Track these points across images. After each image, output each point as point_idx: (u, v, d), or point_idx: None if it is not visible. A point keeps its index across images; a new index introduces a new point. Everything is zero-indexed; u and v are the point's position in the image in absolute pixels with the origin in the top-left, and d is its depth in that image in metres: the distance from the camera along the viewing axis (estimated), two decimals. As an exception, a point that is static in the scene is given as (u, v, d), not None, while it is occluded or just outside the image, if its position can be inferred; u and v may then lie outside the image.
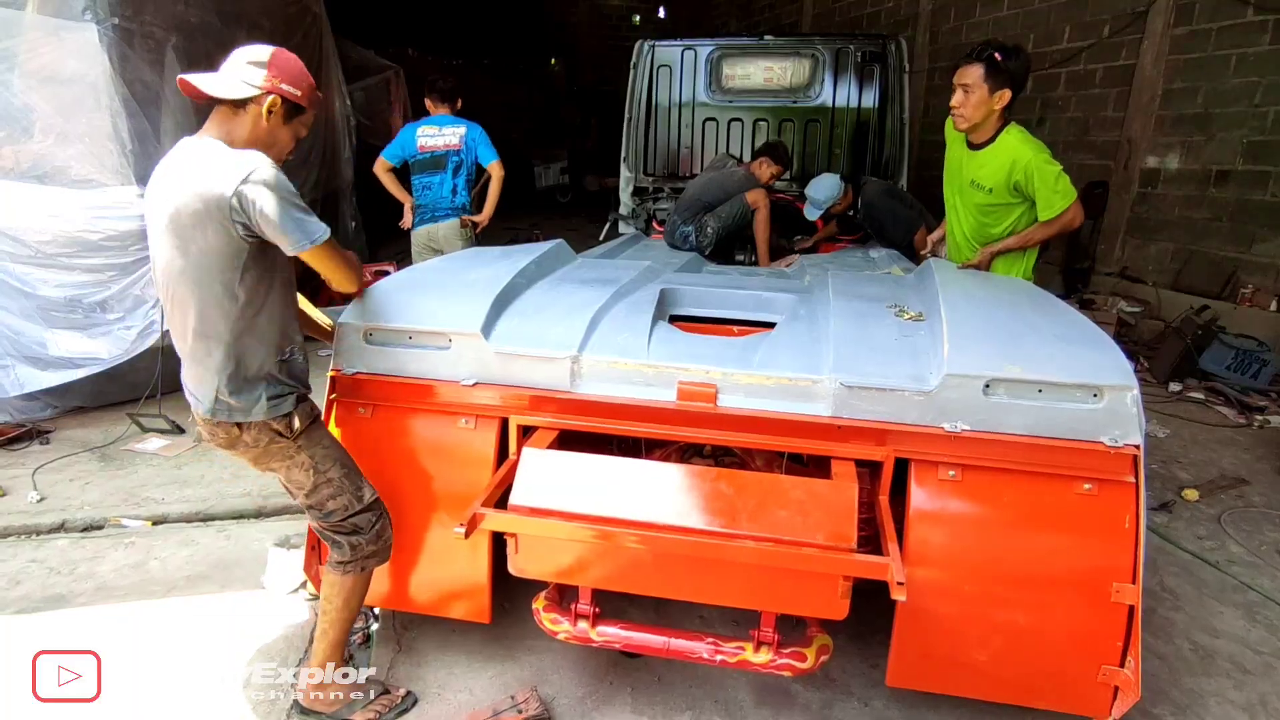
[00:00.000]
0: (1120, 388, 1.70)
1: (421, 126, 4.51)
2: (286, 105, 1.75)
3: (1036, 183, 2.60)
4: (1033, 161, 2.58)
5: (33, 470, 3.39)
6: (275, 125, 1.75)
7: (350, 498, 1.90)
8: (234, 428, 1.77)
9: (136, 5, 3.74)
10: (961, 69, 2.62)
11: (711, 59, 5.10)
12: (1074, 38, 6.57)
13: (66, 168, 3.60)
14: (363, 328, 2.08)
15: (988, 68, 2.56)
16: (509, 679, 2.16)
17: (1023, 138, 2.64)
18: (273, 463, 1.87)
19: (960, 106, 2.65)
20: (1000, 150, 2.66)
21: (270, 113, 1.72)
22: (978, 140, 2.74)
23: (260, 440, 1.80)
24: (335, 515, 1.89)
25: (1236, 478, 3.58)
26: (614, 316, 2.20)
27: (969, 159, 2.79)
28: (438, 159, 4.47)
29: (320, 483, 1.87)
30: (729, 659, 1.82)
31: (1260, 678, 2.24)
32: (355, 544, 1.91)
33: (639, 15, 16.34)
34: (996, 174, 2.67)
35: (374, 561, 1.97)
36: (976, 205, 2.83)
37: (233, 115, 1.72)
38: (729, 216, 4.16)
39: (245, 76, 1.70)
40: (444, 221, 4.57)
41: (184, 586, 2.60)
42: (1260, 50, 5.14)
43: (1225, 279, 5.50)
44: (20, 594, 2.55)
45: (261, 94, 1.70)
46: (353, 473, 1.93)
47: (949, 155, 2.96)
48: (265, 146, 1.74)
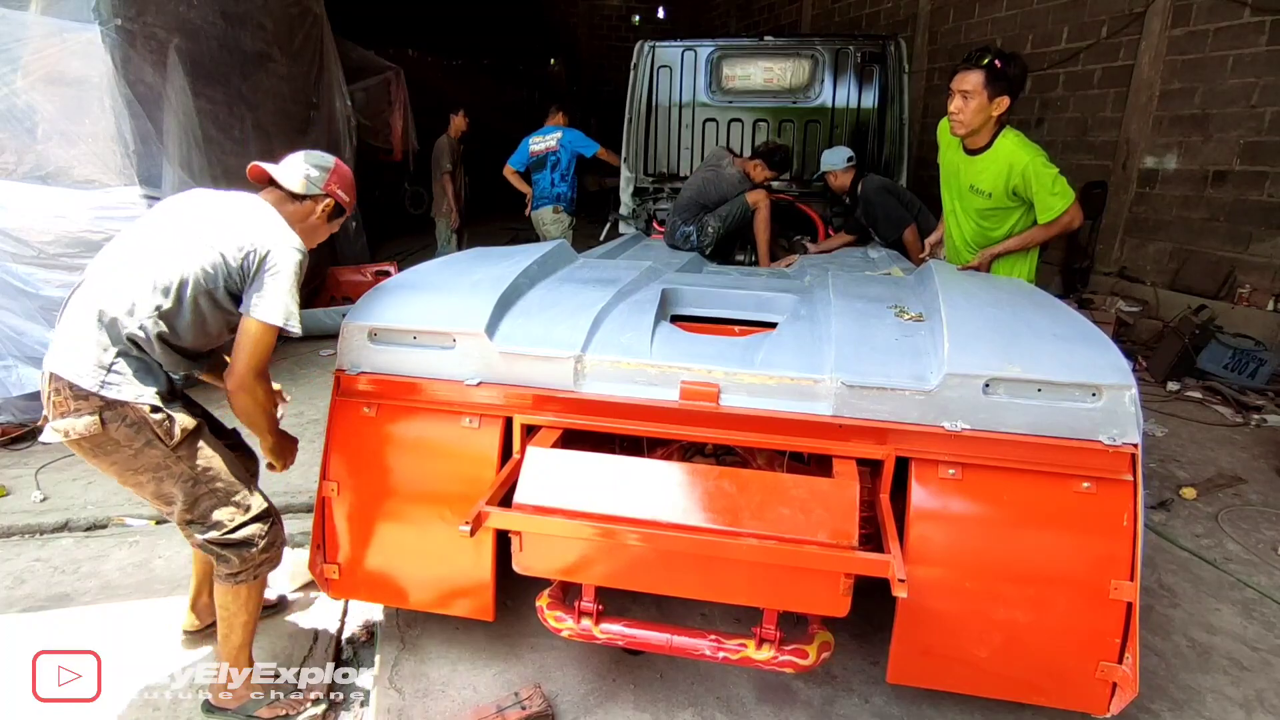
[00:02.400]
0: (1119, 387, 1.72)
1: (533, 136, 5.78)
2: (335, 207, 2.05)
3: (1034, 186, 2.61)
4: (1030, 165, 2.59)
5: (36, 470, 3.40)
6: (321, 221, 2.05)
7: (235, 508, 1.89)
8: (98, 422, 1.68)
9: (139, 6, 3.75)
10: (960, 75, 2.62)
11: (711, 59, 5.11)
12: (1072, 38, 6.60)
13: (69, 169, 3.62)
14: (367, 327, 2.09)
15: (988, 75, 2.56)
16: (512, 676, 2.18)
17: (1019, 141, 2.65)
18: (141, 474, 1.79)
19: (959, 112, 2.65)
20: (998, 155, 2.67)
21: (323, 211, 2.03)
22: (975, 145, 2.74)
23: (134, 440, 1.73)
24: (223, 527, 1.87)
25: (1234, 476, 3.60)
26: (616, 316, 2.22)
27: (966, 164, 2.80)
28: (542, 159, 5.72)
29: (202, 493, 1.84)
30: (731, 656, 1.84)
31: (1257, 674, 2.26)
32: (245, 556, 1.90)
33: (639, 16, 16.36)
34: (995, 179, 2.68)
35: (266, 568, 1.98)
36: (976, 210, 2.84)
37: (288, 201, 1.98)
38: (730, 216, 4.18)
39: (310, 176, 1.98)
40: (544, 208, 5.81)
41: (188, 585, 2.60)
42: (1257, 51, 5.17)
43: (1223, 279, 5.53)
44: (25, 593, 2.57)
45: (322, 195, 2.01)
46: (237, 481, 1.91)
47: (945, 160, 2.96)
48: (309, 238, 2.02)
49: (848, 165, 4.35)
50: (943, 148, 2.97)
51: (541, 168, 5.72)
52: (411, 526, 2.10)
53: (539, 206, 5.81)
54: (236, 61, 4.83)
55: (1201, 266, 5.68)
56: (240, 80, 4.84)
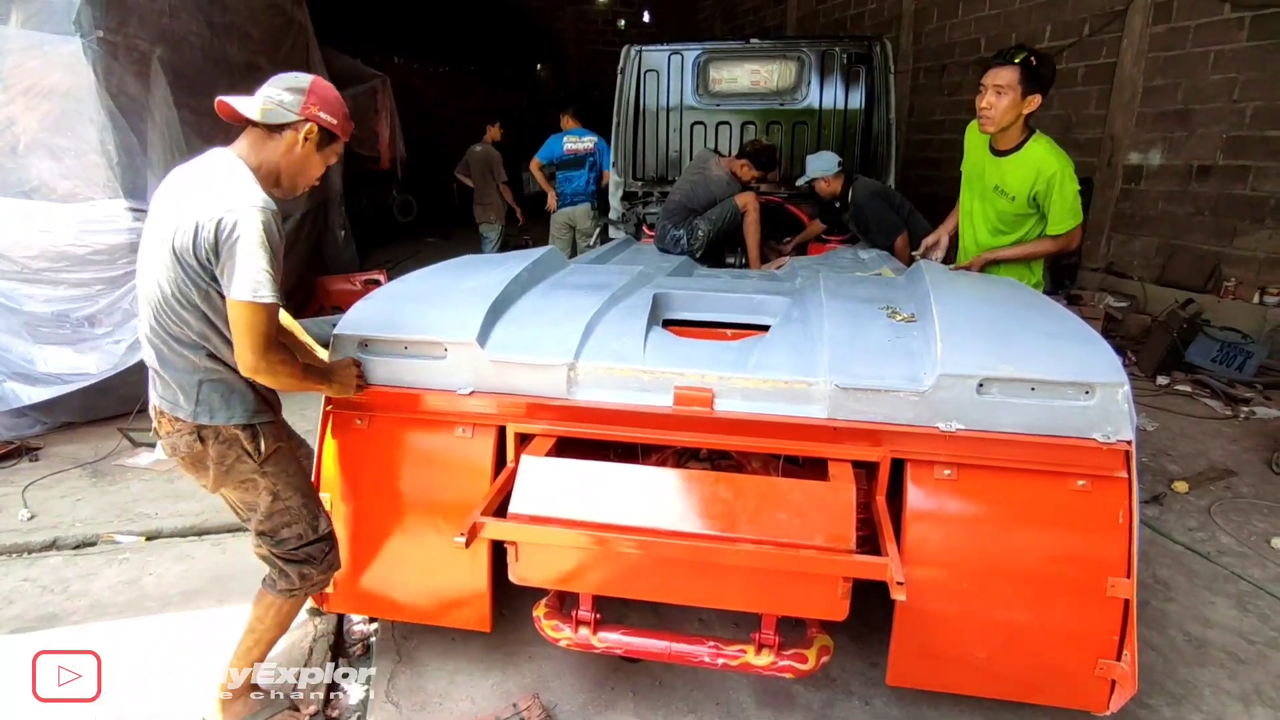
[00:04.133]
0: (1112, 385, 1.72)
1: (567, 135, 5.97)
2: (321, 133, 1.78)
3: (1055, 196, 2.58)
4: (1058, 174, 2.56)
5: (23, 488, 3.35)
6: (309, 152, 1.78)
7: (306, 526, 1.90)
8: (198, 441, 1.77)
9: (121, 18, 3.71)
10: (994, 70, 2.57)
11: (698, 63, 5.12)
12: (1055, 36, 6.65)
13: (53, 183, 3.58)
14: (358, 338, 2.07)
15: (1024, 71, 2.51)
16: (510, 686, 2.16)
17: (1051, 148, 2.61)
18: (230, 484, 1.85)
19: (990, 108, 2.59)
20: (1028, 158, 2.63)
21: (306, 140, 1.76)
22: (1004, 146, 2.70)
23: (226, 458, 1.79)
24: (289, 543, 1.89)
25: (1225, 469, 3.62)
26: (608, 322, 2.21)
27: (993, 164, 2.75)
28: (579, 159, 5.96)
29: (278, 509, 1.87)
30: (730, 662, 1.83)
31: (1254, 666, 2.27)
32: (305, 574, 1.91)
33: (624, 20, 16.37)
34: (1022, 182, 2.64)
35: (317, 589, 1.99)
36: (997, 212, 2.79)
37: (266, 139, 1.75)
38: (719, 219, 4.18)
39: (284, 102, 1.72)
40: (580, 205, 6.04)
41: (180, 602, 2.59)
42: (1237, 47, 5.22)
43: (1209, 272, 5.58)
44: (14, 614, 2.53)
45: (300, 120, 1.73)
46: (311, 502, 1.93)
47: (970, 159, 2.91)
48: (297, 173, 1.80)
49: (838, 170, 4.33)
50: (969, 149, 2.91)
51: (578, 167, 5.96)
52: (406, 538, 2.08)
53: (576, 204, 6.01)
54: (221, 71, 4.78)
55: (1188, 261, 5.73)
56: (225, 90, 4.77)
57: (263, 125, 1.73)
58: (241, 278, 1.60)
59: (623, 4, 16.30)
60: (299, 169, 1.79)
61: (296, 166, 1.79)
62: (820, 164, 4.32)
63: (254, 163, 1.73)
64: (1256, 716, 2.08)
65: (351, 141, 2.06)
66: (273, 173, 1.77)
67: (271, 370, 1.69)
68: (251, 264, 1.60)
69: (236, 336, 1.65)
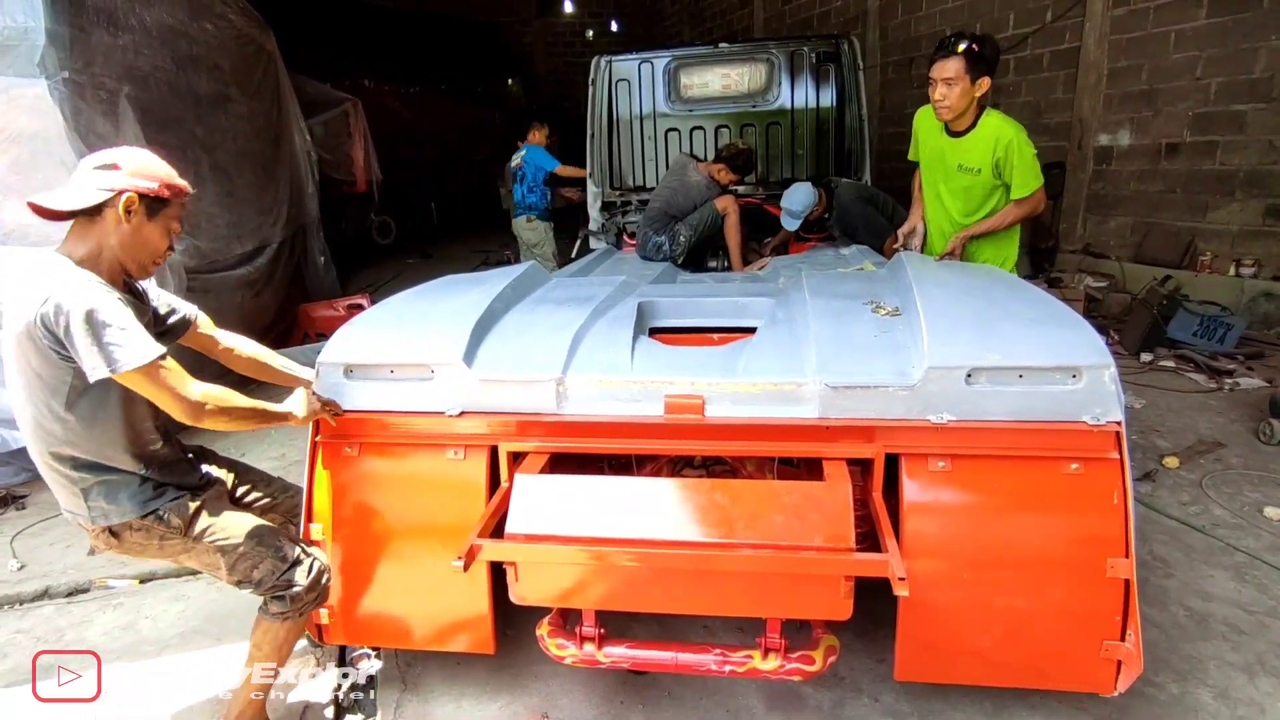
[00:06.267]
0: (1098, 367, 1.74)
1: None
2: (145, 201, 1.65)
3: (1015, 160, 2.70)
4: (1014, 140, 2.69)
5: (11, 537, 3.29)
6: (139, 224, 1.66)
7: (273, 560, 1.87)
8: (113, 536, 1.78)
9: (87, 57, 3.68)
10: (939, 64, 2.68)
11: (669, 70, 5.14)
12: (1019, 24, 6.73)
13: (26, 229, 3.53)
14: (342, 364, 2.05)
15: (968, 60, 2.63)
16: (519, 708, 2.14)
17: (1003, 118, 2.75)
18: (179, 557, 1.87)
19: (944, 99, 2.71)
20: (984, 131, 2.76)
21: (129, 213, 1.64)
22: (960, 127, 2.81)
23: (150, 540, 1.80)
24: (266, 582, 1.87)
25: (1214, 441, 3.66)
26: (595, 335, 2.21)
27: (952, 146, 2.87)
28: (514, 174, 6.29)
29: (235, 561, 1.85)
30: (738, 669, 1.82)
31: (1255, 637, 2.29)
32: (295, 595, 1.90)
33: (592, 30, 16.43)
34: (984, 154, 2.76)
35: (311, 607, 1.96)
36: (964, 188, 2.91)
37: (90, 225, 1.64)
38: (700, 224, 4.19)
39: (94, 182, 1.61)
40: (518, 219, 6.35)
41: (178, 644, 2.55)
42: (1198, 25, 5.30)
43: (1184, 248, 5.65)
44: (9, 667, 2.48)
45: (115, 195, 1.61)
46: (265, 536, 1.89)
47: (926, 146, 3.01)
48: (138, 249, 1.69)
49: (818, 194, 4.31)
50: (922, 135, 3.02)
51: (516, 181, 6.31)
52: (403, 565, 2.06)
53: (516, 216, 6.38)
54: (191, 105, 4.75)
55: (1163, 238, 5.80)
56: (195, 123, 4.77)
57: (82, 214, 1.62)
58: (104, 357, 1.53)
59: (590, 15, 16.38)
60: (135, 245, 1.68)
61: (131, 243, 1.67)
62: (803, 197, 4.29)
63: (83, 255, 1.64)
64: (1261, 686, 2.09)
65: (326, 166, 2.04)
66: (112, 260, 1.67)
67: (215, 409, 1.66)
68: (99, 340, 1.53)
69: (156, 402, 1.63)
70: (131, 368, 1.55)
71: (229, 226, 5.19)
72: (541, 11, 16.22)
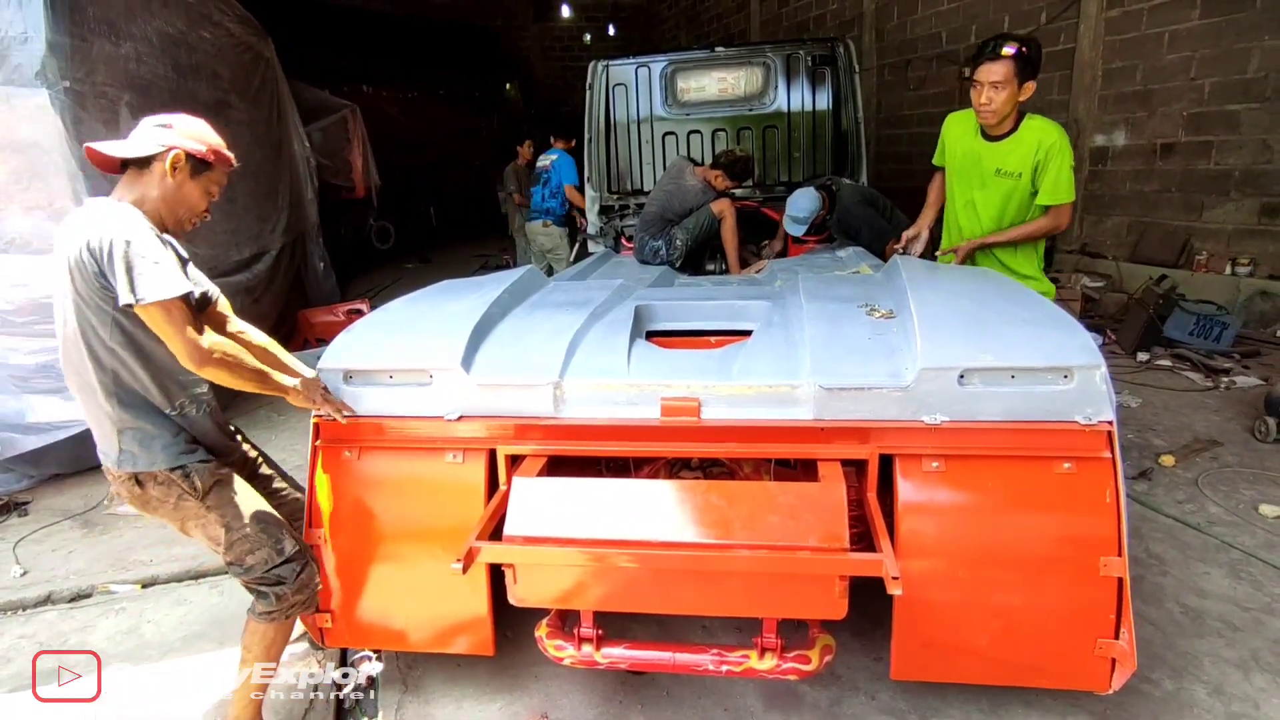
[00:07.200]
0: (1089, 367, 1.76)
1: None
2: (191, 161, 1.80)
3: (1053, 166, 2.63)
4: (1057, 144, 2.62)
5: (14, 543, 3.31)
6: (181, 181, 1.79)
7: (269, 551, 1.90)
8: (136, 484, 1.83)
9: (88, 67, 3.71)
10: (986, 67, 2.60)
11: (665, 74, 5.16)
12: (1013, 26, 6.76)
13: (27, 237, 3.56)
14: (342, 370, 2.08)
15: (1017, 63, 2.55)
16: (519, 709, 2.16)
17: (1046, 121, 2.69)
18: (187, 522, 1.89)
19: (990, 103, 2.62)
20: (1027, 135, 2.69)
21: (175, 169, 1.77)
22: (1000, 131, 2.74)
23: (169, 496, 1.84)
24: (256, 570, 1.89)
25: (1209, 440, 3.67)
26: (592, 338, 2.23)
27: (990, 150, 2.78)
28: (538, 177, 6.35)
29: (235, 539, 1.88)
30: (735, 668, 1.84)
31: (1250, 634, 2.30)
32: (280, 594, 1.91)
33: (589, 34, 16.48)
34: (1025, 157, 2.69)
35: (298, 610, 1.98)
36: (1003, 194, 2.80)
37: (139, 176, 1.78)
38: (697, 228, 4.21)
39: (149, 136, 1.77)
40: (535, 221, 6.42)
41: (180, 648, 2.56)
42: (1191, 25, 5.33)
43: (1180, 247, 5.67)
44: (12, 672, 2.49)
45: (165, 150, 1.76)
46: (270, 526, 1.93)
47: (956, 151, 2.92)
48: (176, 204, 1.81)
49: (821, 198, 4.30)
50: (952, 140, 2.93)
51: (536, 183, 6.32)
52: (403, 568, 2.08)
53: (532, 219, 6.35)
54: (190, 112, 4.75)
55: (1159, 237, 5.82)
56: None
57: (133, 164, 1.78)
58: (131, 285, 1.62)
59: (587, 19, 16.42)
60: (176, 200, 1.81)
61: (173, 198, 1.80)
62: (807, 204, 4.30)
63: (129, 200, 1.76)
64: (1256, 682, 2.10)
65: (325, 172, 2.09)
66: (154, 210, 1.78)
67: (220, 357, 1.72)
68: (132, 268, 1.62)
69: (165, 341, 1.69)
70: (152, 300, 1.63)
71: (229, 233, 5.21)
72: (539, 16, 16.27)
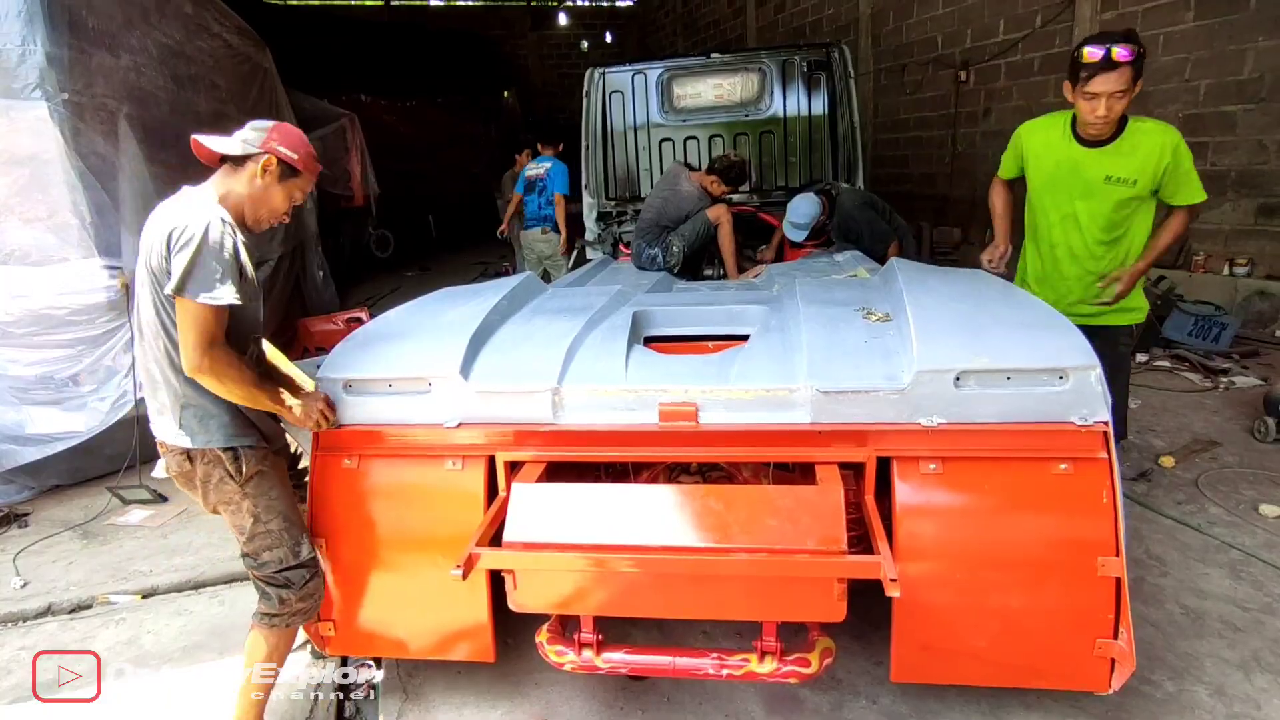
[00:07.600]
0: (1084, 368, 1.76)
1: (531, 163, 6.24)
2: (281, 166, 1.88)
3: (1185, 164, 2.47)
4: (1180, 145, 2.45)
5: (14, 555, 3.31)
6: (269, 184, 1.88)
7: (287, 551, 1.93)
8: (187, 460, 1.88)
9: (86, 79, 3.73)
10: (1103, 78, 2.35)
11: (662, 81, 5.19)
12: (1009, 30, 6.80)
13: (27, 248, 3.57)
14: (341, 379, 2.08)
15: (1135, 69, 2.35)
16: (519, 715, 2.16)
17: (1159, 123, 2.52)
18: (219, 504, 1.93)
19: (1108, 114, 2.40)
20: (1140, 138, 2.48)
21: (266, 172, 1.86)
22: (1103, 136, 2.52)
23: (210, 478, 1.88)
24: (269, 567, 1.93)
25: (1209, 440, 3.68)
26: (590, 344, 2.23)
27: (1093, 157, 2.54)
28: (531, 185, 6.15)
29: (259, 532, 1.91)
30: (735, 672, 1.83)
31: (1250, 634, 2.30)
32: (284, 598, 1.93)
33: (586, 42, 16.56)
34: (1144, 162, 2.47)
35: (299, 619, 1.99)
36: (1115, 203, 2.56)
37: (232, 172, 1.88)
38: (693, 234, 4.21)
39: (246, 138, 1.87)
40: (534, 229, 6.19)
41: (180, 658, 2.56)
42: (1186, 28, 5.36)
43: (1178, 248, 5.68)
44: (12, 684, 2.49)
45: (259, 153, 1.85)
46: (294, 528, 1.96)
47: (1045, 162, 2.67)
48: (260, 204, 1.90)
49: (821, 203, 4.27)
50: (1036, 151, 2.70)
51: (531, 191, 6.12)
52: (404, 575, 2.08)
53: (530, 227, 6.19)
54: (189, 123, 4.79)
55: (1156, 238, 5.82)
56: (194, 141, 4.82)
57: (230, 161, 1.88)
58: (184, 276, 1.69)
59: (584, 26, 16.51)
60: (260, 200, 1.89)
61: (258, 198, 1.88)
62: (808, 209, 4.26)
63: (219, 194, 1.85)
64: (1257, 682, 2.10)
65: (324, 181, 2.13)
66: (238, 205, 1.87)
67: (214, 371, 1.75)
68: (194, 264, 1.69)
69: (180, 334, 1.74)
70: (191, 297, 1.69)
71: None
72: (536, 25, 16.37)
